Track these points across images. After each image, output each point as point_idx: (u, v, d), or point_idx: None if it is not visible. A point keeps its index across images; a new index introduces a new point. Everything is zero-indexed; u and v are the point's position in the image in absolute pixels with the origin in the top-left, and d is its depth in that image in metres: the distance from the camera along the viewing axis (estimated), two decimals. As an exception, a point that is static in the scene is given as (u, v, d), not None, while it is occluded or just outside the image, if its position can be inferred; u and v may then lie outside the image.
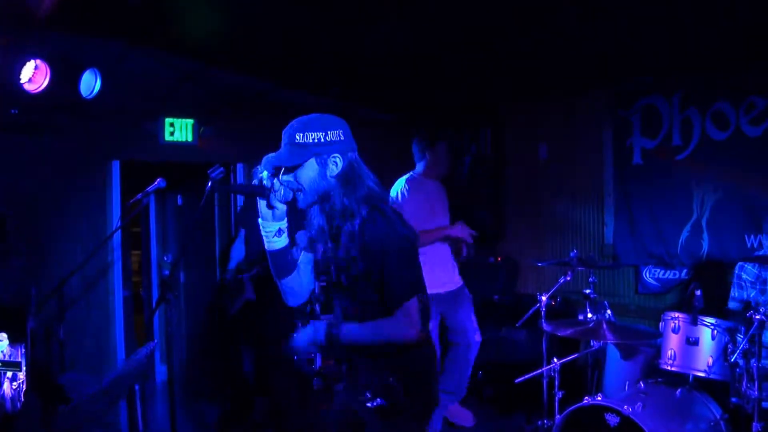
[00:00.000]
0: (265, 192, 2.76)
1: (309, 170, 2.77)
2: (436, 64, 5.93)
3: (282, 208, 2.80)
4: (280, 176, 2.81)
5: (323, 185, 2.78)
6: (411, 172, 5.65)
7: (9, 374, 2.75)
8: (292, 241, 2.98)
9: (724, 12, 4.52)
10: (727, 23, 4.70)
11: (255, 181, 2.79)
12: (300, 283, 3.03)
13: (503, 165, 7.43)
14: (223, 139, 6.39)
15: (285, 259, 2.91)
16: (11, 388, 2.75)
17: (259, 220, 2.83)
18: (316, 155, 2.76)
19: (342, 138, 2.80)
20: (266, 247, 2.88)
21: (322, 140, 2.75)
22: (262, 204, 2.80)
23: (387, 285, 2.73)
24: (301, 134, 2.75)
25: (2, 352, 2.76)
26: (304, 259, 3.04)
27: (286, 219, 2.85)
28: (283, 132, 2.82)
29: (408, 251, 2.79)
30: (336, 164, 2.78)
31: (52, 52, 4.56)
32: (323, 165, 2.77)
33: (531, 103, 7.03)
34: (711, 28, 4.81)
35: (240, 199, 6.59)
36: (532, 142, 7.08)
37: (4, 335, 2.77)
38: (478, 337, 5.69)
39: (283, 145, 2.80)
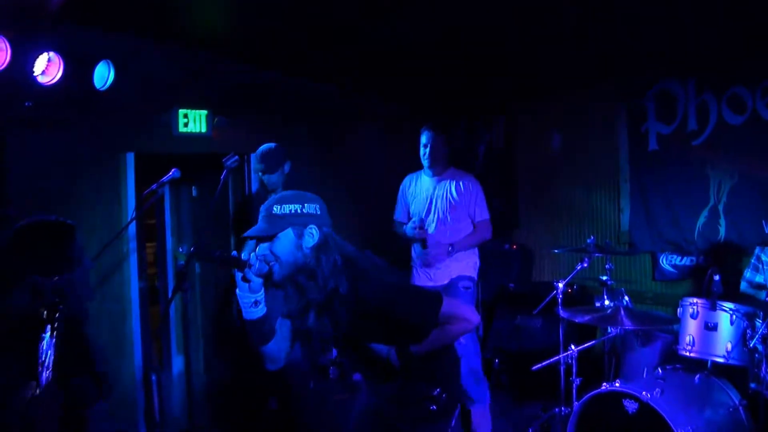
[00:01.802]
0: (240, 265, 2.79)
1: (285, 241, 2.81)
2: (447, 55, 5.91)
3: (258, 281, 2.82)
4: (256, 249, 2.88)
5: (299, 257, 2.82)
6: None
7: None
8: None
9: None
10: (738, 12, 4.68)
11: (233, 253, 2.87)
12: (279, 349, 3.05)
13: (517, 154, 7.42)
14: (236, 130, 6.38)
15: (263, 329, 2.93)
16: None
17: (237, 291, 2.85)
18: (292, 225, 2.81)
19: (318, 212, 2.88)
20: (244, 315, 2.90)
21: (299, 212, 2.82)
22: (238, 276, 2.82)
23: (413, 323, 2.90)
24: (278, 206, 2.82)
25: None
26: (279, 324, 3.07)
27: (262, 291, 2.87)
28: (260, 209, 2.90)
29: (407, 286, 3.19)
30: (312, 236, 2.82)
31: (65, 44, 4.56)
32: (299, 236, 2.82)
33: (544, 91, 7.00)
34: (722, 18, 4.79)
35: (254, 186, 6.59)
36: (546, 130, 7.05)
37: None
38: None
39: (259, 219, 2.87)
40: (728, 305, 4.32)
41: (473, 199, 5.54)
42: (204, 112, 6.15)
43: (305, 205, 2.84)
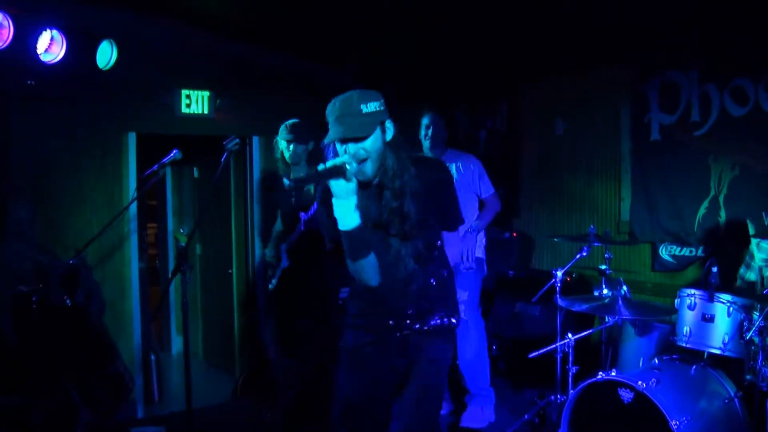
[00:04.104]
0: (342, 169, 2.75)
1: (375, 139, 2.85)
2: (452, 38, 5.88)
3: (355, 181, 2.79)
4: (346, 150, 2.84)
5: (383, 151, 2.89)
6: None
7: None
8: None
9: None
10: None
11: (326, 163, 2.80)
12: (376, 260, 3.01)
13: (519, 140, 7.40)
14: (239, 112, 6.38)
15: (362, 236, 2.89)
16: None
17: (333, 200, 2.81)
18: (380, 123, 2.87)
19: (386, 107, 2.92)
20: (342, 228, 2.84)
21: (380, 108, 2.87)
22: (338, 183, 2.76)
23: (448, 215, 3.26)
24: (365, 105, 2.82)
25: None
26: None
27: (356, 195, 2.85)
28: (336, 107, 2.85)
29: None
30: (389, 129, 2.91)
31: (68, 22, 4.56)
32: (383, 132, 2.89)
33: (548, 78, 6.97)
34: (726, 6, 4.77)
35: (256, 174, 6.58)
36: (549, 117, 7.03)
37: None
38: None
39: (343, 119, 2.80)
40: (725, 297, 4.31)
41: (476, 176, 5.58)
42: (207, 92, 6.15)
43: (380, 101, 2.89)
